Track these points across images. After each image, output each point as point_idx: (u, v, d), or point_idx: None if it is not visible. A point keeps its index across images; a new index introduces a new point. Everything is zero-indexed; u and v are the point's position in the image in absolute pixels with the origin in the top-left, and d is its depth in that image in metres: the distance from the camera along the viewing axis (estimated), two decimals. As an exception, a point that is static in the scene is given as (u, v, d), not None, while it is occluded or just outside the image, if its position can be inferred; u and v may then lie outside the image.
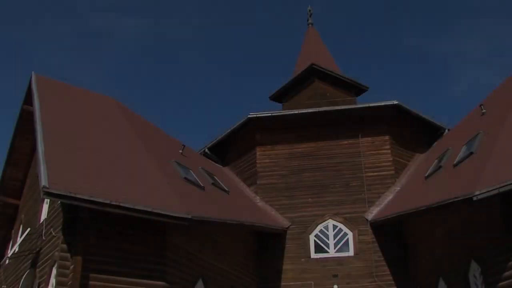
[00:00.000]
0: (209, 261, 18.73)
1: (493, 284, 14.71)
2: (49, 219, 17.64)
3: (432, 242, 19.54)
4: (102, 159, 17.74)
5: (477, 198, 13.97)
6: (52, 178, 13.97)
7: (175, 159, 21.60)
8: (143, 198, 15.63)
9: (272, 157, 25.43)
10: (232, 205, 21.67)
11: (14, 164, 23.80)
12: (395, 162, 24.65)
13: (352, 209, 23.56)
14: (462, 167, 17.93)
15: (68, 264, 14.66)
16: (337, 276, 22.49)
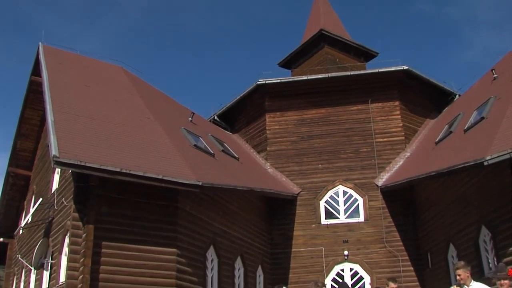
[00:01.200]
0: (220, 228, 18.84)
1: (503, 249, 14.72)
2: (61, 189, 17.75)
3: (442, 208, 19.53)
4: (112, 127, 17.73)
5: (488, 163, 13.87)
6: (62, 148, 14.00)
7: (184, 126, 21.58)
8: (153, 166, 15.65)
9: (282, 123, 25.37)
10: (242, 172, 21.70)
11: (25, 136, 23.90)
12: (405, 128, 24.54)
13: (362, 175, 23.57)
14: (473, 132, 17.80)
15: (80, 233, 14.79)
16: (347, 242, 22.62)
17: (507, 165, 14.41)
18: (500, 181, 15.20)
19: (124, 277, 14.97)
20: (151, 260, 15.48)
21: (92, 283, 14.31)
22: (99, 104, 19.19)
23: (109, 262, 14.89)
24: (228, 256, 19.23)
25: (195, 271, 16.77)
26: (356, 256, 22.45)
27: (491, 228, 15.70)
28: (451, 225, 18.53)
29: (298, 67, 31.03)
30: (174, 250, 15.93)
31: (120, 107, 19.97)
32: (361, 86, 25.15)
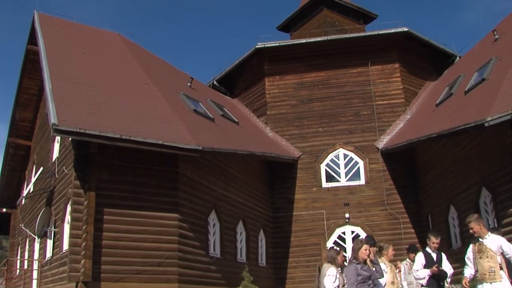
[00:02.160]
0: (221, 192, 18.91)
1: (503, 210, 14.79)
2: (61, 157, 17.77)
3: (443, 170, 19.56)
4: (111, 94, 17.65)
5: (488, 124, 13.83)
6: (61, 116, 13.95)
7: (183, 92, 21.47)
8: (153, 131, 15.62)
9: (281, 87, 25.25)
10: (242, 136, 21.67)
11: (23, 105, 23.84)
12: (406, 90, 24.43)
13: (362, 138, 23.56)
14: (473, 93, 17.69)
15: (82, 200, 14.84)
16: (348, 205, 22.73)
17: (507, 126, 14.35)
18: (500, 143, 15.17)
19: (127, 243, 15.09)
20: (153, 225, 15.57)
21: (95, 250, 14.45)
22: (97, 71, 19.06)
23: (112, 229, 14.99)
24: (230, 221, 19.34)
25: (197, 235, 16.88)
26: (357, 218, 22.59)
27: (491, 189, 15.73)
28: (452, 187, 18.58)
29: (297, 31, 30.75)
30: (175, 215, 16.02)
31: (118, 74, 19.84)
32: (361, 49, 24.94)
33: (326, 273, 8.73)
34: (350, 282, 7.81)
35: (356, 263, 7.99)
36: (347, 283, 7.89)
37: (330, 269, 8.70)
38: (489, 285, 8.59)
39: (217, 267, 17.69)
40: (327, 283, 8.58)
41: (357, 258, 8.03)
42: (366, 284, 7.91)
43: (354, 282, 7.78)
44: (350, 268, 7.93)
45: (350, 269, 7.91)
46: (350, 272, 7.87)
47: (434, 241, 9.88)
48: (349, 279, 7.84)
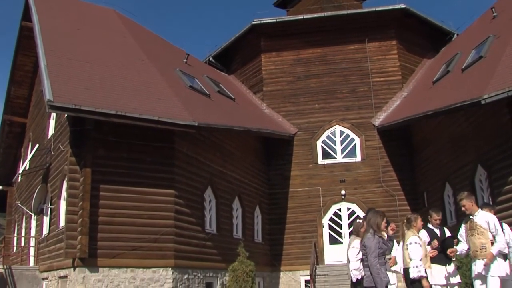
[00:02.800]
0: (217, 169, 18.92)
1: (498, 188, 14.83)
2: (57, 134, 17.72)
3: (439, 147, 19.58)
4: (106, 70, 17.53)
5: (485, 102, 13.80)
6: (56, 92, 13.86)
7: (179, 68, 21.36)
8: (149, 108, 15.56)
9: (278, 63, 25.15)
10: (238, 112, 21.63)
11: (18, 82, 23.70)
12: (402, 67, 24.35)
13: (359, 115, 23.55)
14: (470, 71, 17.64)
15: (78, 177, 14.84)
16: (345, 181, 22.81)
17: (504, 104, 14.35)
18: (497, 120, 15.17)
19: (123, 219, 15.12)
20: (149, 201, 15.59)
21: (91, 226, 14.48)
22: (92, 47, 18.91)
23: (108, 205, 15.01)
24: (226, 197, 19.39)
25: (193, 211, 16.93)
26: (353, 195, 22.68)
27: (487, 167, 15.77)
28: (448, 165, 18.62)
29: (294, 7, 30.49)
30: (171, 192, 16.03)
31: (114, 50, 19.70)
32: (358, 26, 24.81)
33: (350, 245, 8.74)
34: (372, 254, 7.74)
35: (378, 235, 7.98)
36: (368, 253, 7.79)
37: (354, 241, 8.71)
38: (482, 261, 8.64)
39: (213, 243, 17.78)
40: (351, 255, 8.59)
41: (378, 231, 8.04)
42: (382, 258, 7.91)
43: (376, 255, 7.74)
44: (373, 239, 7.82)
45: (373, 241, 7.81)
46: (372, 244, 7.76)
47: (436, 218, 9.87)
48: (371, 251, 7.73)
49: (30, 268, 19.41)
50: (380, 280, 7.69)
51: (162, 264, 15.38)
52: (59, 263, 15.93)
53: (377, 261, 7.80)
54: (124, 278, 14.82)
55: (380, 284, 7.69)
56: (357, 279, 8.40)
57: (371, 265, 7.81)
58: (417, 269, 8.52)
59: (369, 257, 7.83)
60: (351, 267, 8.60)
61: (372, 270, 7.78)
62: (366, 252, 7.89)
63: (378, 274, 7.69)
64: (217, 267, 17.69)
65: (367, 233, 8.01)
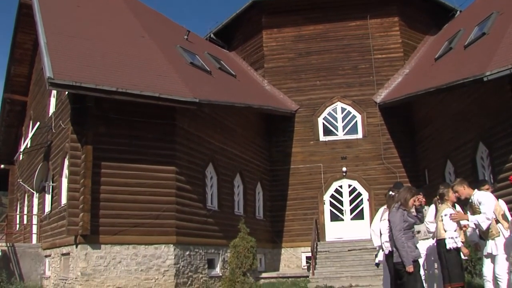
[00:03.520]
0: (218, 145, 18.92)
1: (500, 165, 14.82)
2: (58, 112, 17.70)
3: (440, 124, 19.54)
4: (106, 47, 17.44)
5: (487, 79, 13.73)
6: (56, 69, 13.80)
7: (180, 44, 21.24)
8: (149, 84, 15.51)
9: (279, 40, 25.00)
10: (239, 89, 21.56)
11: (18, 61, 23.60)
12: (404, 44, 24.20)
13: (360, 92, 23.46)
14: (473, 48, 17.52)
15: (79, 154, 14.85)
16: (346, 158, 22.80)
17: (507, 81, 14.27)
18: (499, 98, 15.09)
19: (125, 196, 15.16)
20: (150, 178, 15.62)
21: (93, 203, 14.53)
22: (92, 24, 18.80)
23: (109, 182, 15.04)
24: (227, 173, 19.42)
25: (194, 188, 16.96)
26: (354, 172, 22.69)
27: (488, 144, 15.74)
28: (449, 142, 18.59)
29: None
30: (173, 168, 16.05)
31: (114, 27, 19.59)
32: (360, 2, 24.57)
33: (382, 218, 8.72)
34: (396, 228, 7.70)
35: (403, 209, 7.91)
36: (393, 228, 7.74)
37: (386, 213, 8.60)
38: (491, 241, 8.68)
39: (214, 220, 17.85)
40: (383, 227, 8.51)
41: (405, 205, 7.96)
42: (410, 231, 7.84)
43: (401, 229, 7.70)
44: (397, 213, 7.78)
45: (397, 215, 7.76)
46: (396, 218, 7.71)
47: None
48: (395, 225, 7.68)
49: (32, 245, 19.54)
50: (406, 254, 7.63)
51: (164, 240, 15.46)
52: (61, 241, 16.02)
53: (401, 235, 7.74)
54: (126, 254, 14.91)
55: (406, 259, 7.62)
56: (390, 251, 8.32)
57: (395, 240, 7.78)
58: (452, 240, 8.52)
59: (394, 232, 7.80)
60: (383, 239, 8.50)
61: (397, 244, 7.74)
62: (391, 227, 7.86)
63: (403, 247, 7.64)
64: (218, 243, 17.77)
65: (392, 207, 7.97)
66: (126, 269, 14.83)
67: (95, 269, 14.47)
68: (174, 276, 15.35)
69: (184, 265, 15.93)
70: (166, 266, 15.32)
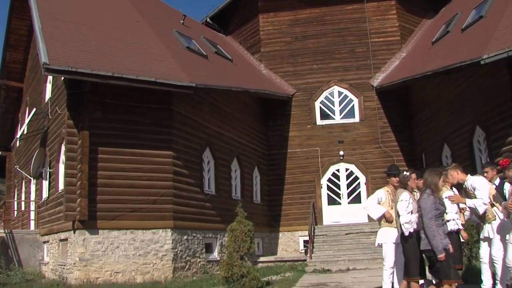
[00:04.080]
0: (215, 130, 18.90)
1: (496, 149, 14.82)
2: (54, 98, 17.66)
3: (437, 108, 19.54)
4: (102, 32, 17.34)
5: (484, 62, 13.67)
6: (52, 54, 13.74)
7: (176, 29, 21.14)
8: (146, 69, 15.45)
9: (276, 24, 24.88)
10: (236, 73, 21.50)
11: (13, 47, 23.48)
12: (402, 28, 24.12)
13: (357, 76, 23.42)
14: (470, 31, 17.47)
15: (76, 140, 14.83)
16: (343, 142, 22.82)
17: (504, 64, 14.22)
18: (496, 81, 15.07)
19: (122, 181, 15.18)
20: (147, 163, 15.63)
21: (90, 189, 14.54)
22: (87, 9, 18.69)
23: (106, 167, 15.05)
24: (224, 158, 19.43)
25: (191, 173, 16.98)
26: (351, 156, 22.72)
27: (485, 128, 15.75)
28: (446, 126, 18.60)
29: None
30: (170, 153, 16.05)
31: (109, 11, 19.47)
32: (357, -15, 24.45)
33: (399, 198, 8.53)
34: (428, 216, 7.53)
35: (434, 196, 7.73)
36: (424, 215, 7.56)
37: (403, 194, 8.38)
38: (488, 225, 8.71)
39: (212, 204, 17.89)
40: (400, 209, 8.36)
41: (436, 190, 7.81)
42: (440, 219, 7.68)
43: (432, 217, 7.54)
44: (428, 200, 7.58)
45: (428, 201, 7.60)
46: (428, 205, 7.56)
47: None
48: (427, 212, 7.47)
49: (31, 232, 19.60)
50: (437, 243, 7.45)
51: (161, 225, 15.50)
52: (59, 226, 16.05)
53: (433, 223, 7.55)
54: (124, 239, 14.96)
55: (436, 247, 7.44)
56: (410, 233, 8.23)
57: (426, 227, 7.58)
58: (454, 221, 8.50)
59: (425, 219, 7.61)
60: (401, 220, 8.37)
61: (428, 232, 7.55)
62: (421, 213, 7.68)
63: (435, 236, 7.46)
64: (216, 228, 17.83)
65: (424, 193, 7.79)
66: (124, 254, 14.88)
67: (93, 254, 14.51)
68: (172, 261, 15.41)
69: (182, 249, 15.98)
70: (164, 250, 15.37)
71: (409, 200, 8.41)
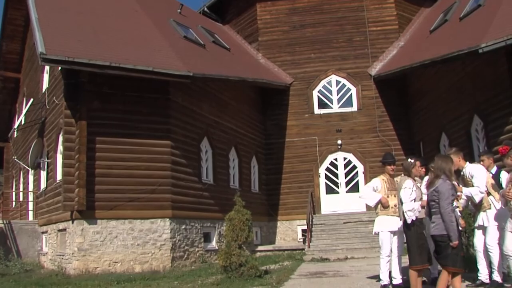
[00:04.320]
0: (213, 119, 18.89)
1: (494, 138, 14.81)
2: (51, 88, 17.61)
3: (435, 97, 19.52)
4: (99, 21, 17.28)
5: (483, 51, 13.61)
6: (48, 44, 13.68)
7: (173, 18, 21.08)
8: (143, 58, 15.41)
9: (273, 13, 24.80)
10: (234, 63, 21.47)
11: (10, 37, 23.36)
12: (399, 17, 24.07)
13: (355, 64, 23.39)
14: (468, 20, 17.41)
15: (74, 130, 14.80)
16: (341, 131, 22.82)
17: (502, 53, 14.19)
18: (494, 70, 15.03)
19: (120, 171, 15.19)
20: (145, 153, 15.63)
21: (88, 179, 14.54)
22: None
23: (104, 157, 15.04)
24: (222, 147, 19.42)
25: (190, 162, 16.98)
26: (349, 145, 22.74)
27: (483, 117, 15.73)
28: (444, 114, 18.60)
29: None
30: (168, 142, 16.04)
31: (106, 1, 19.37)
32: (355, -27, 24.35)
33: (402, 186, 8.46)
34: (446, 201, 7.40)
35: (451, 181, 7.67)
36: (441, 199, 7.44)
37: (406, 181, 8.38)
38: (482, 213, 8.74)
39: (210, 194, 17.91)
40: (404, 196, 8.31)
41: (451, 176, 7.72)
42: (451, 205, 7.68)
43: (450, 201, 7.46)
44: (446, 185, 7.52)
45: (446, 186, 7.51)
46: (446, 189, 7.47)
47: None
48: (445, 197, 7.33)
49: (29, 222, 19.62)
50: (453, 228, 7.39)
51: (159, 215, 15.53)
52: (57, 217, 16.07)
53: (451, 208, 7.49)
54: (122, 229, 14.98)
55: (454, 233, 7.37)
56: (412, 220, 8.20)
57: (444, 212, 7.45)
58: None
59: (443, 203, 7.47)
60: (404, 208, 8.33)
61: (445, 217, 7.42)
62: (438, 197, 7.54)
63: (452, 222, 7.38)
64: (214, 217, 17.85)
65: (439, 178, 7.65)
66: (122, 243, 14.91)
67: (92, 244, 14.54)
68: (171, 250, 15.44)
69: (180, 239, 16.01)
70: (162, 240, 15.40)
71: (412, 188, 8.35)
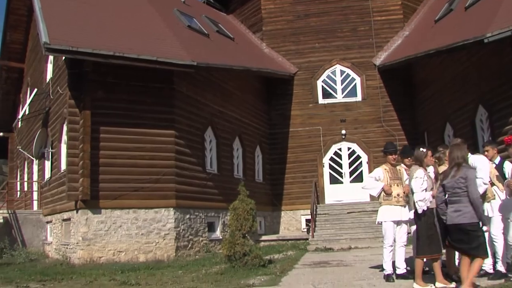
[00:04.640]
0: (217, 109, 18.87)
1: (499, 128, 14.78)
2: (55, 78, 17.61)
3: (440, 87, 19.44)
4: (103, 11, 17.26)
5: (488, 41, 13.57)
6: (52, 34, 13.66)
7: (177, 8, 21.02)
8: (147, 48, 15.38)
9: (277, 2, 24.68)
10: (238, 52, 21.41)
11: (13, 27, 23.31)
12: (404, 6, 23.91)
13: (359, 54, 23.28)
14: (474, 9, 17.31)
15: (78, 119, 14.81)
16: (345, 121, 22.77)
17: (507, 43, 14.12)
18: (499, 60, 14.96)
19: (124, 161, 15.20)
20: (149, 142, 15.64)
21: (92, 168, 14.56)
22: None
23: (108, 147, 15.06)
24: (226, 137, 19.42)
25: (194, 152, 16.99)
26: (353, 135, 22.69)
27: (488, 107, 15.68)
28: (449, 104, 18.53)
29: None
30: (172, 132, 16.04)
31: (110, -11, 19.34)
32: (359, -38, 24.20)
33: (413, 175, 8.38)
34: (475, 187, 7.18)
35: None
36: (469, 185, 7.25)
37: (417, 171, 8.32)
38: (487, 204, 8.71)
39: (214, 183, 17.93)
40: (415, 186, 8.25)
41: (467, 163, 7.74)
42: None
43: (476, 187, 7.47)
44: (473, 171, 7.53)
45: (473, 173, 7.52)
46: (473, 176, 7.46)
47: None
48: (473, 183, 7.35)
49: (34, 212, 19.69)
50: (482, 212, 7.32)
51: (164, 204, 15.55)
52: (62, 206, 16.11)
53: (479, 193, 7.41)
54: (126, 219, 15.02)
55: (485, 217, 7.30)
56: (423, 210, 8.15)
57: (475, 198, 7.33)
58: None
59: (472, 189, 7.36)
60: (416, 198, 8.25)
61: (477, 202, 7.30)
62: (466, 184, 7.40)
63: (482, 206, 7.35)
64: (218, 206, 17.87)
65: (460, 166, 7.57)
66: (126, 233, 14.95)
67: (96, 233, 14.59)
68: (175, 240, 15.48)
69: (185, 228, 16.04)
70: (166, 229, 15.43)
71: (423, 178, 8.29)
